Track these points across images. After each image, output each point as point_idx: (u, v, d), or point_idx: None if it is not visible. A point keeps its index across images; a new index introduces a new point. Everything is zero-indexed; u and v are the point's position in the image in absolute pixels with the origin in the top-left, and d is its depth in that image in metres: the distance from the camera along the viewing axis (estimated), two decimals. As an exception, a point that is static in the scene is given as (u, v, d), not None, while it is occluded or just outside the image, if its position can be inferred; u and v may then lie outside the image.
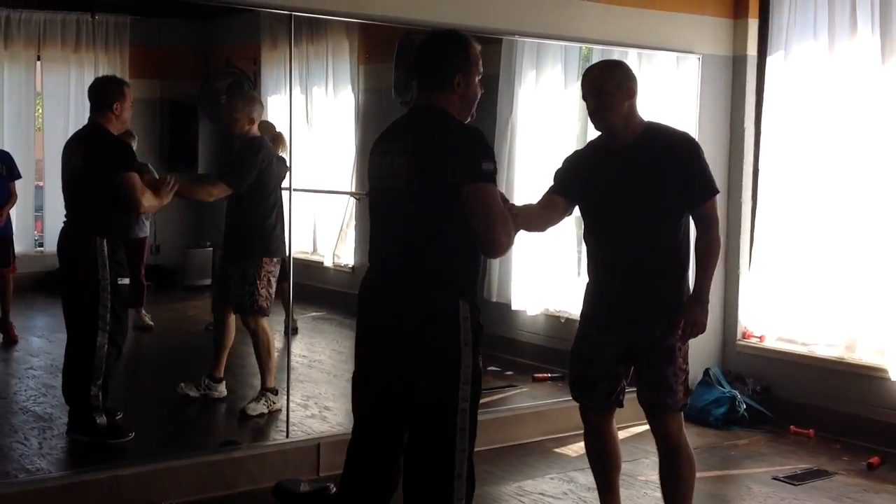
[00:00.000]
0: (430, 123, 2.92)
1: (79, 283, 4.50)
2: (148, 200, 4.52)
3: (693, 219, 3.49)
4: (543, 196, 3.63)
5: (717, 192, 3.50)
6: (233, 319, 5.23)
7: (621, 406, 3.61)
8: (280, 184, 5.18)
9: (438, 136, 2.87)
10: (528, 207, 3.60)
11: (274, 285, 5.14)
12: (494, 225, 2.82)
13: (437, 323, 2.87)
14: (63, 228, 4.65)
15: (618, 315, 3.49)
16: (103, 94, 4.61)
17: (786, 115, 5.72)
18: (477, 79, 2.97)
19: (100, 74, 8.61)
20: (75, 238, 4.56)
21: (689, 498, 3.58)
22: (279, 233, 5.15)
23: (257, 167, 5.03)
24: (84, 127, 4.67)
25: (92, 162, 4.49)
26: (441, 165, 2.82)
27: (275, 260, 5.13)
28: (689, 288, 3.52)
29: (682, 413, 3.55)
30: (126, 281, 4.59)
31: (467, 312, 2.88)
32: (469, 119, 3.00)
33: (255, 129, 5.15)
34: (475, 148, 2.84)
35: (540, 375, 6.04)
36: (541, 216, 3.61)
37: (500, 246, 2.86)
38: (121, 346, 4.63)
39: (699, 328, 3.45)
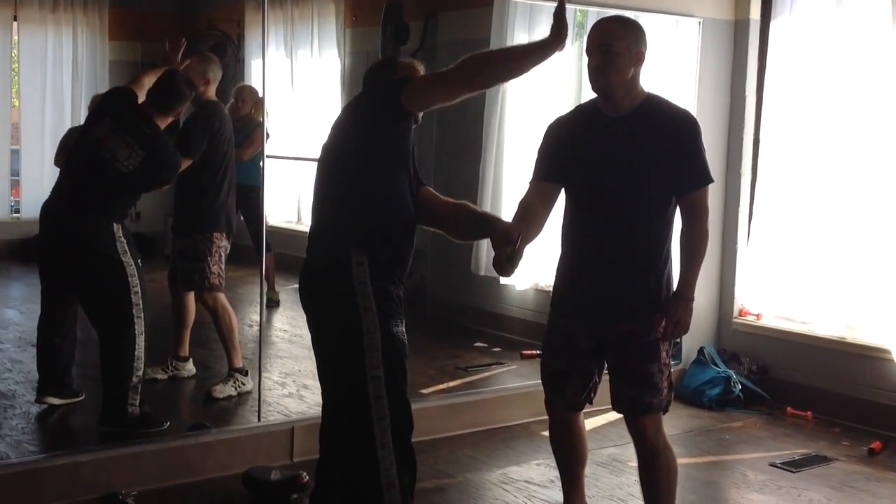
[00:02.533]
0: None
1: (102, 274, 4.22)
2: None
3: (680, 207, 3.18)
4: (531, 187, 3.26)
5: (711, 181, 3.18)
6: (191, 296, 4.99)
7: (591, 403, 3.35)
8: (231, 152, 4.91)
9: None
10: (531, 208, 3.18)
11: (224, 261, 4.89)
12: (442, 82, 2.93)
13: (330, 287, 2.90)
14: (60, 203, 4.27)
15: (593, 304, 3.21)
16: (180, 103, 4.40)
17: (789, 83, 5.47)
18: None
19: (79, 37, 8.37)
20: (84, 221, 4.22)
21: (670, 501, 3.33)
22: (230, 205, 4.90)
23: (208, 133, 4.74)
24: (135, 110, 4.28)
25: (148, 169, 4.23)
26: (362, 103, 3.02)
27: (225, 234, 4.88)
28: (674, 281, 3.23)
29: (663, 413, 3.26)
30: (140, 261, 4.34)
31: (365, 276, 2.82)
32: None
33: (210, 93, 4.85)
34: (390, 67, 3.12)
35: (529, 352, 5.82)
36: (538, 215, 3.20)
37: (467, 85, 2.89)
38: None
39: (682, 328, 3.16)
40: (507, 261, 2.93)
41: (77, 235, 4.23)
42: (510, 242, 2.89)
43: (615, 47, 3.08)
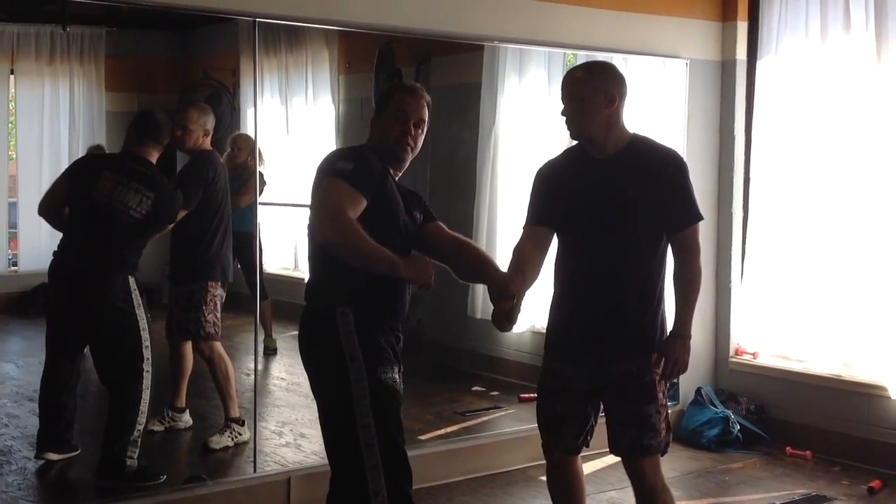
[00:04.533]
0: None
1: (115, 327, 4.25)
2: None
3: (672, 246, 3.20)
4: (525, 233, 3.28)
5: (701, 218, 3.21)
6: (188, 346, 4.99)
7: (588, 446, 3.34)
8: (226, 201, 4.94)
9: None
10: (526, 256, 3.21)
11: (220, 309, 4.89)
12: (321, 215, 2.86)
13: (317, 337, 2.97)
14: (72, 258, 4.29)
15: (587, 346, 3.21)
16: (161, 133, 4.44)
17: (777, 120, 5.52)
18: (394, 119, 3.06)
19: (76, 88, 8.44)
20: (106, 278, 4.24)
21: None
22: (226, 254, 4.92)
23: (203, 183, 4.79)
24: (129, 158, 4.36)
25: (158, 213, 4.31)
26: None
27: (220, 283, 4.89)
28: (668, 321, 3.24)
29: (661, 455, 3.25)
30: (149, 316, 4.37)
31: (350, 325, 2.88)
32: (391, 154, 3.07)
33: (207, 143, 4.91)
34: (336, 154, 3.01)
35: (526, 395, 5.79)
36: (538, 261, 3.25)
37: (321, 236, 2.87)
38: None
39: (680, 367, 3.18)
40: (505, 318, 2.97)
41: (97, 292, 4.24)
42: (507, 298, 2.96)
43: (580, 93, 3.13)
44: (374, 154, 3.03)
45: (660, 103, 5.58)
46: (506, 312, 2.98)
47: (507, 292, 2.97)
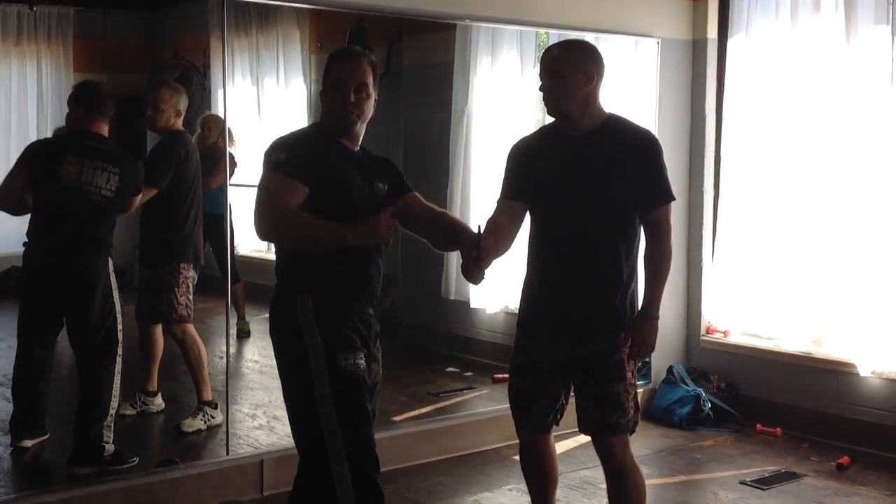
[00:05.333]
0: None
1: (93, 311, 4.21)
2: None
3: (643, 226, 3.21)
4: (498, 206, 3.27)
5: (673, 198, 3.21)
6: (159, 329, 4.96)
7: (558, 424, 3.35)
8: (198, 182, 4.90)
9: None
10: (499, 225, 3.19)
11: (192, 291, 4.86)
12: (258, 210, 2.84)
13: (278, 324, 2.97)
14: (49, 244, 4.23)
15: (557, 325, 3.22)
16: (104, 101, 4.31)
17: (748, 100, 5.53)
18: (335, 90, 2.97)
19: (43, 68, 8.33)
20: (86, 260, 4.21)
21: None
22: (197, 235, 4.89)
23: (174, 162, 4.74)
24: (86, 138, 4.24)
25: (127, 187, 4.25)
26: None
27: (192, 265, 4.87)
28: (639, 301, 3.26)
29: (629, 433, 3.27)
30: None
31: (309, 312, 2.86)
32: (340, 124, 2.99)
33: (178, 123, 4.86)
34: (273, 143, 2.96)
35: (500, 376, 5.80)
36: (504, 233, 3.21)
37: (258, 231, 2.86)
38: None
39: (648, 347, 3.19)
40: (473, 264, 2.95)
41: (84, 276, 4.22)
42: (475, 247, 2.95)
43: (560, 70, 3.14)
44: (321, 131, 3.00)
45: (631, 82, 5.57)
46: (473, 260, 2.95)
47: (475, 242, 2.96)
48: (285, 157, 2.86)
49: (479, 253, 2.95)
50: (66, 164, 4.20)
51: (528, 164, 3.27)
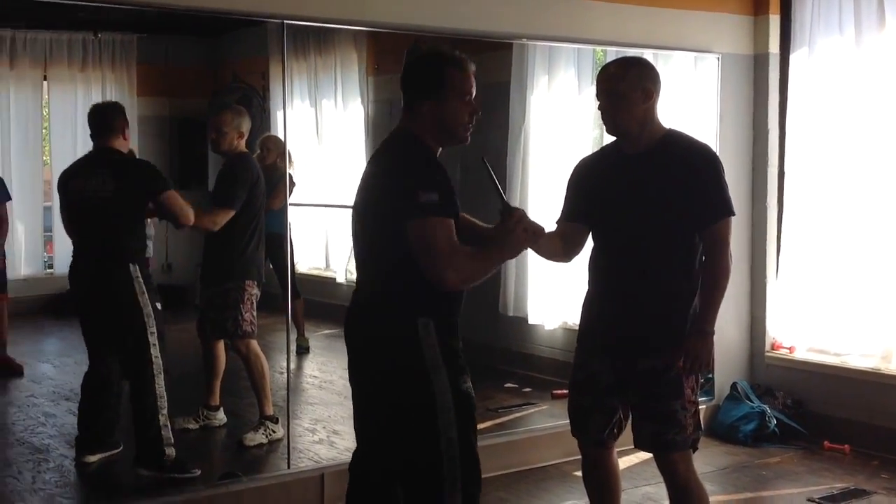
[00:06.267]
0: (388, 148, 2.86)
1: (121, 315, 4.32)
2: (193, 213, 4.46)
3: (702, 241, 3.16)
4: (557, 227, 3.34)
5: (732, 213, 3.16)
6: (221, 345, 5.03)
7: (615, 439, 3.32)
8: (264, 202, 4.98)
9: (389, 162, 2.82)
10: (546, 234, 3.18)
11: (255, 308, 4.92)
12: (437, 262, 2.67)
13: (394, 349, 2.77)
14: (80, 258, 4.44)
15: (613, 341, 3.21)
16: (111, 118, 4.45)
17: (811, 115, 5.46)
18: (459, 101, 2.80)
19: (107, 93, 8.52)
20: (107, 268, 4.34)
21: None
22: (260, 254, 4.96)
23: (248, 184, 4.83)
24: (93, 153, 4.46)
25: (127, 185, 4.34)
26: (383, 196, 2.77)
27: (256, 282, 4.93)
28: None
29: (692, 450, 3.23)
30: (159, 305, 4.41)
31: (431, 333, 2.73)
32: (455, 140, 2.85)
33: (242, 145, 4.94)
34: (413, 178, 2.71)
35: (559, 392, 5.76)
36: (559, 247, 3.28)
37: (447, 282, 2.69)
38: (168, 370, 4.43)
39: (701, 363, 3.13)
40: (514, 224, 2.84)
41: (99, 282, 4.34)
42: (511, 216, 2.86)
43: (618, 89, 3.14)
44: (426, 147, 2.81)
45: (692, 98, 5.55)
46: (514, 222, 2.85)
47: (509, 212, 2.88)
48: (437, 198, 2.67)
49: (518, 219, 2.85)
50: (74, 180, 4.43)
51: (586, 185, 3.31)
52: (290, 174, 5.23)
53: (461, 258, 2.70)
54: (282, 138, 5.86)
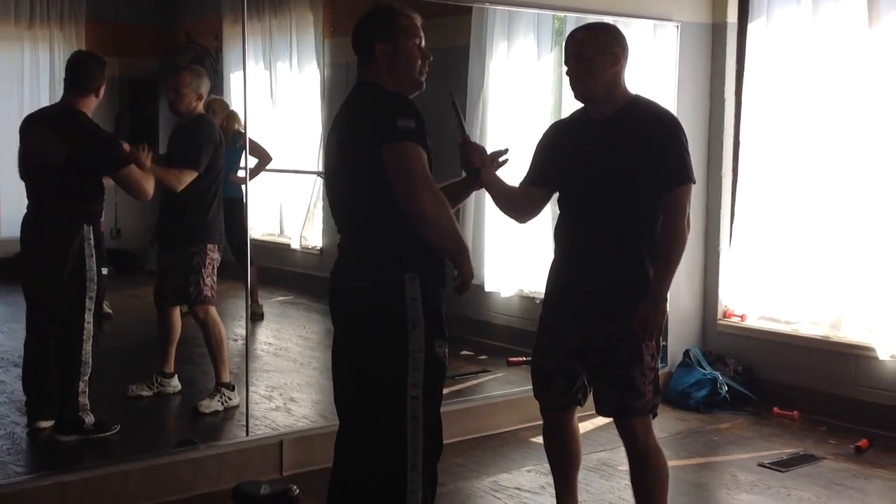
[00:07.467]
0: (356, 98, 2.85)
1: (63, 275, 4.21)
2: (150, 186, 4.31)
3: (660, 207, 3.17)
4: (519, 187, 3.37)
5: (692, 181, 3.17)
6: (177, 311, 4.96)
7: (580, 404, 3.36)
8: (223, 167, 4.91)
9: (359, 108, 2.80)
10: (506, 188, 3.31)
11: (216, 273, 4.86)
12: (415, 185, 2.66)
13: (379, 301, 2.77)
14: (32, 214, 4.31)
15: (575, 306, 3.23)
16: (89, 73, 4.27)
17: (768, 84, 5.50)
18: (410, 43, 2.85)
19: (55, 52, 8.29)
20: (55, 226, 4.24)
21: None
22: (220, 217, 4.90)
23: (212, 146, 4.74)
24: (55, 107, 4.31)
25: (79, 154, 4.19)
26: (361, 137, 2.73)
27: (216, 246, 4.87)
28: None
29: (651, 416, 3.26)
30: (105, 270, 4.33)
31: (417, 292, 2.72)
32: (412, 84, 2.87)
33: (200, 107, 4.85)
34: (389, 107, 2.71)
35: (515, 359, 5.82)
36: (518, 205, 3.34)
37: (424, 206, 2.66)
38: (98, 337, 4.35)
39: (651, 330, 3.14)
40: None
41: (48, 237, 4.25)
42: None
43: (586, 52, 3.14)
44: (401, 93, 2.81)
45: (651, 66, 5.55)
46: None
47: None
48: (413, 125, 2.67)
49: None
50: (32, 133, 4.30)
51: (553, 148, 3.32)
52: (251, 139, 5.15)
53: (441, 201, 2.71)
54: (231, 101, 5.77)
